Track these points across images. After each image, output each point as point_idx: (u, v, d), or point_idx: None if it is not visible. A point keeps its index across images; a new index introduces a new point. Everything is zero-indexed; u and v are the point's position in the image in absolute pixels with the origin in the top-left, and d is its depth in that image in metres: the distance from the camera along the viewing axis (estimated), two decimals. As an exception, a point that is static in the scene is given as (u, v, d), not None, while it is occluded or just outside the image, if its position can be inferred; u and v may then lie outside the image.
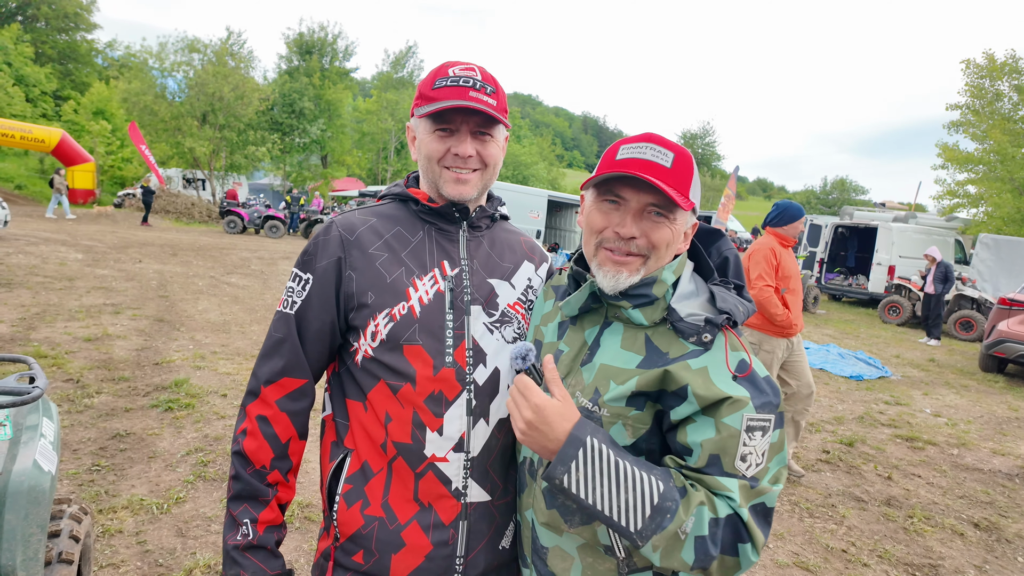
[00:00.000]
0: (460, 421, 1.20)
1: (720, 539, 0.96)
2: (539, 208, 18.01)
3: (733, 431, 0.99)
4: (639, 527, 0.94)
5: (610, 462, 0.96)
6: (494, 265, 1.31)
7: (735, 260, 1.20)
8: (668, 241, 1.08)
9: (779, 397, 1.04)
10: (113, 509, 3.22)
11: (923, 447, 5.67)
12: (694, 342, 1.05)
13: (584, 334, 1.17)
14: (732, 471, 0.99)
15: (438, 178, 1.24)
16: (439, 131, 1.22)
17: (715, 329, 1.05)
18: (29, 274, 9.40)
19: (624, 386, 1.05)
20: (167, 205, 25.56)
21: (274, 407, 1.21)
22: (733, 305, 1.08)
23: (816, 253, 18.21)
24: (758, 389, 1.02)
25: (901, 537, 3.89)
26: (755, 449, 1.00)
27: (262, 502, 1.20)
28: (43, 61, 39.93)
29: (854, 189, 58.48)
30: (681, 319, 1.07)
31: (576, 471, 0.95)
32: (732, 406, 1.00)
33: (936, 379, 8.81)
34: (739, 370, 1.03)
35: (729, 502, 0.97)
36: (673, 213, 1.08)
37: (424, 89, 1.24)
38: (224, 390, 5.18)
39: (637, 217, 1.07)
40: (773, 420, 1.02)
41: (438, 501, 1.20)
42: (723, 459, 0.99)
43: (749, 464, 0.99)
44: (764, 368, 1.07)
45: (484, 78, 1.23)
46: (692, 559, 0.95)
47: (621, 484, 0.95)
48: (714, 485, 0.99)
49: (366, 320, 1.20)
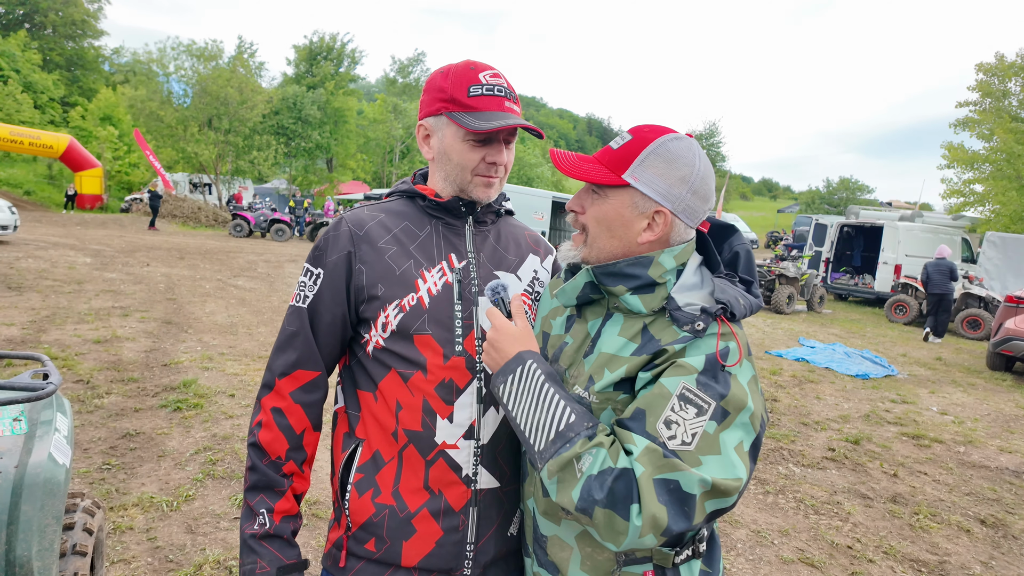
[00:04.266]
0: (470, 409, 1.23)
1: (608, 487, 0.92)
2: (543, 209, 18.05)
3: (666, 391, 0.98)
4: (542, 447, 1.02)
5: (539, 383, 1.06)
6: (500, 258, 1.34)
7: (746, 256, 1.18)
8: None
9: (731, 394, 0.98)
10: (124, 506, 3.26)
11: (929, 445, 5.66)
12: (687, 330, 1.03)
13: (587, 326, 1.19)
14: (651, 432, 0.96)
15: (468, 184, 1.27)
16: (474, 140, 1.23)
17: (709, 318, 1.02)
18: (39, 278, 9.49)
19: (614, 374, 1.07)
20: (174, 209, 25.76)
21: (288, 399, 1.24)
22: (733, 297, 1.06)
23: (821, 252, 18.15)
24: (712, 373, 0.98)
25: (907, 533, 3.89)
26: (683, 422, 0.95)
27: (278, 492, 1.23)
28: (51, 68, 40.34)
29: (860, 188, 58.19)
30: (679, 308, 1.06)
31: (511, 384, 1.09)
32: (675, 369, 0.99)
33: (943, 377, 8.78)
34: (721, 355, 1.00)
35: (630, 457, 0.95)
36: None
37: (458, 94, 1.22)
38: (232, 390, 5.22)
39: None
40: (712, 408, 0.96)
41: (448, 488, 1.22)
42: (647, 416, 0.97)
43: (673, 434, 0.95)
44: (748, 374, 1.02)
45: (508, 86, 1.26)
46: (577, 497, 0.95)
47: (539, 404, 1.04)
48: (625, 438, 0.98)
49: (376, 312, 1.23)
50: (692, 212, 1.11)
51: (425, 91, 1.30)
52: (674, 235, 1.12)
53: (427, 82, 1.31)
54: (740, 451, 0.97)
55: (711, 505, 0.95)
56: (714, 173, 1.15)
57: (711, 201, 1.14)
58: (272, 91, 31.89)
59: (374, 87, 46.36)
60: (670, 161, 1.08)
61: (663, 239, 1.12)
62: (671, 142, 1.09)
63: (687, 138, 1.12)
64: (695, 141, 1.13)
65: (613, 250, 1.13)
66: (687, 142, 1.11)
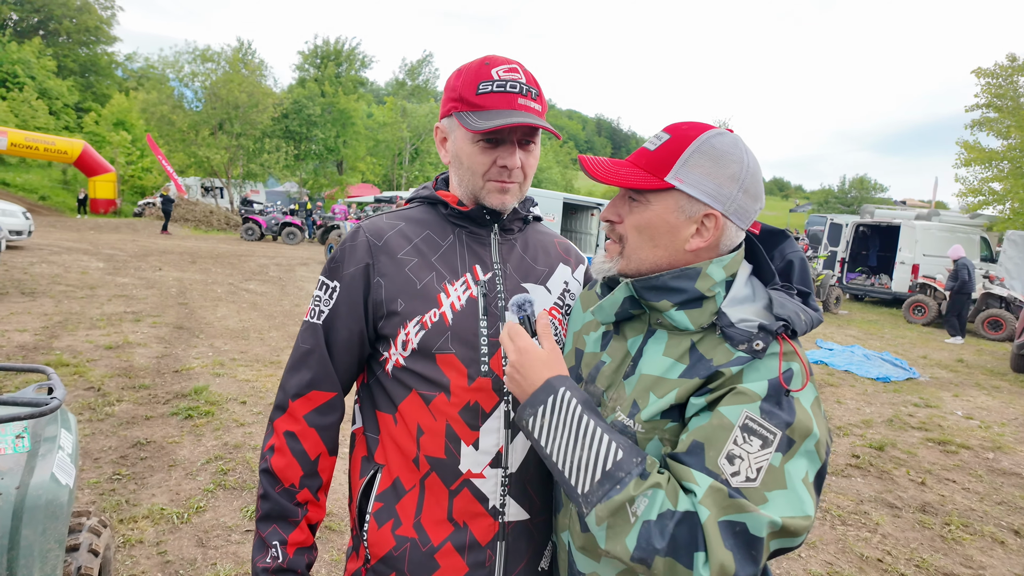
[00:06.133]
0: (497, 434, 1.13)
1: (670, 534, 0.82)
2: (555, 211, 17.94)
3: (727, 422, 0.87)
4: (586, 490, 0.90)
5: (575, 415, 0.94)
6: (528, 269, 1.24)
7: (801, 264, 1.07)
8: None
9: (797, 421, 0.88)
10: (134, 519, 3.19)
11: (956, 451, 5.50)
12: (744, 349, 0.93)
13: (627, 344, 1.08)
14: (713, 468, 0.86)
15: (480, 190, 1.17)
16: (483, 142, 1.12)
17: (769, 336, 0.92)
18: (52, 283, 9.51)
19: (663, 399, 0.96)
20: (186, 213, 25.92)
21: (302, 422, 1.15)
22: (793, 312, 0.95)
23: (837, 252, 17.91)
24: (776, 399, 0.89)
25: (939, 545, 3.75)
26: (748, 456, 0.85)
27: (292, 523, 1.14)
28: (65, 74, 40.80)
29: (874, 187, 57.52)
30: (731, 324, 0.95)
31: (542, 416, 0.96)
32: (735, 396, 0.89)
33: (966, 380, 8.57)
34: (784, 379, 0.90)
35: (693, 498, 0.85)
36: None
37: (466, 92, 1.11)
38: (243, 397, 5.16)
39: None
40: (778, 439, 0.86)
41: (474, 520, 1.13)
42: (707, 450, 0.87)
43: (737, 470, 0.85)
44: (811, 396, 0.93)
45: (528, 80, 1.13)
46: (634, 546, 0.84)
47: (580, 439, 0.92)
48: (684, 476, 0.87)
49: (396, 328, 1.14)
50: (744, 213, 1.01)
51: (444, 91, 1.21)
52: (725, 240, 1.02)
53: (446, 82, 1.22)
54: (806, 483, 0.88)
55: (776, 544, 0.86)
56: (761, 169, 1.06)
57: (762, 200, 1.05)
58: (282, 94, 32.08)
59: (383, 90, 46.46)
60: (717, 159, 0.98)
61: (713, 245, 1.02)
62: (715, 138, 1.00)
63: (730, 133, 1.02)
64: (739, 136, 1.04)
65: (656, 261, 1.03)
66: (732, 137, 1.01)
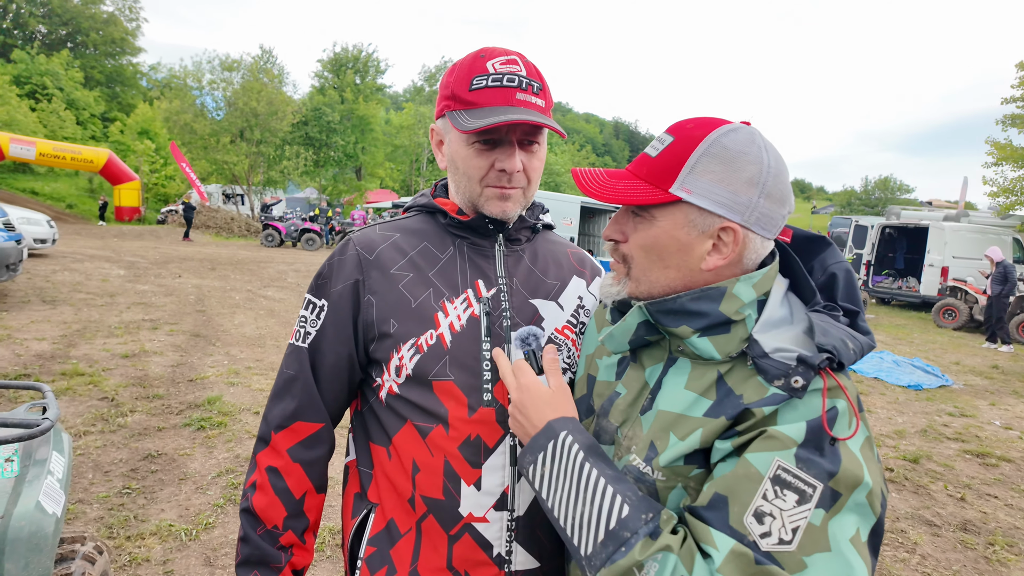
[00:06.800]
0: (502, 472, 1.00)
1: None
2: (572, 215, 17.80)
3: (754, 472, 0.73)
4: (589, 552, 0.78)
5: (577, 463, 0.82)
6: (537, 283, 1.11)
7: (846, 277, 0.90)
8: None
9: (842, 470, 0.72)
10: (141, 535, 3.12)
11: (996, 464, 5.23)
12: (780, 386, 0.78)
13: (645, 374, 0.93)
14: (737, 527, 0.72)
15: (478, 197, 1.04)
16: (479, 143, 0.99)
17: (810, 372, 0.76)
18: (73, 291, 9.60)
19: (685, 442, 0.82)
20: (207, 220, 26.22)
21: (285, 456, 1.04)
22: (839, 339, 0.79)
23: (862, 255, 17.50)
24: (816, 445, 0.73)
25: (983, 567, 3.53)
26: (780, 514, 0.71)
27: (274, 568, 1.03)
28: (92, 85, 41.71)
29: (900, 188, 56.16)
30: (765, 354, 0.80)
31: (542, 465, 0.86)
32: (766, 441, 0.75)
33: (1002, 387, 8.23)
34: (828, 421, 0.74)
35: (711, 564, 0.72)
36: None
37: (458, 89, 1.00)
38: (257, 407, 5.09)
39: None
40: (819, 492, 0.71)
41: (477, 569, 1.00)
42: (731, 505, 0.74)
43: (767, 530, 0.71)
44: (861, 437, 0.76)
45: (529, 73, 1.00)
46: None
47: (581, 492, 0.80)
48: (702, 535, 0.74)
49: (388, 352, 1.02)
50: (768, 221, 0.85)
51: (439, 89, 1.09)
52: (749, 253, 0.86)
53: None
54: (857, 543, 0.72)
55: None
56: (787, 166, 0.88)
57: (790, 203, 0.88)
58: (301, 101, 32.43)
59: (402, 96, 46.75)
60: (730, 161, 0.82)
61: (735, 261, 0.86)
62: (725, 136, 0.83)
63: (744, 127, 0.86)
64: (756, 129, 0.86)
65: (669, 282, 0.88)
66: (746, 132, 0.84)
